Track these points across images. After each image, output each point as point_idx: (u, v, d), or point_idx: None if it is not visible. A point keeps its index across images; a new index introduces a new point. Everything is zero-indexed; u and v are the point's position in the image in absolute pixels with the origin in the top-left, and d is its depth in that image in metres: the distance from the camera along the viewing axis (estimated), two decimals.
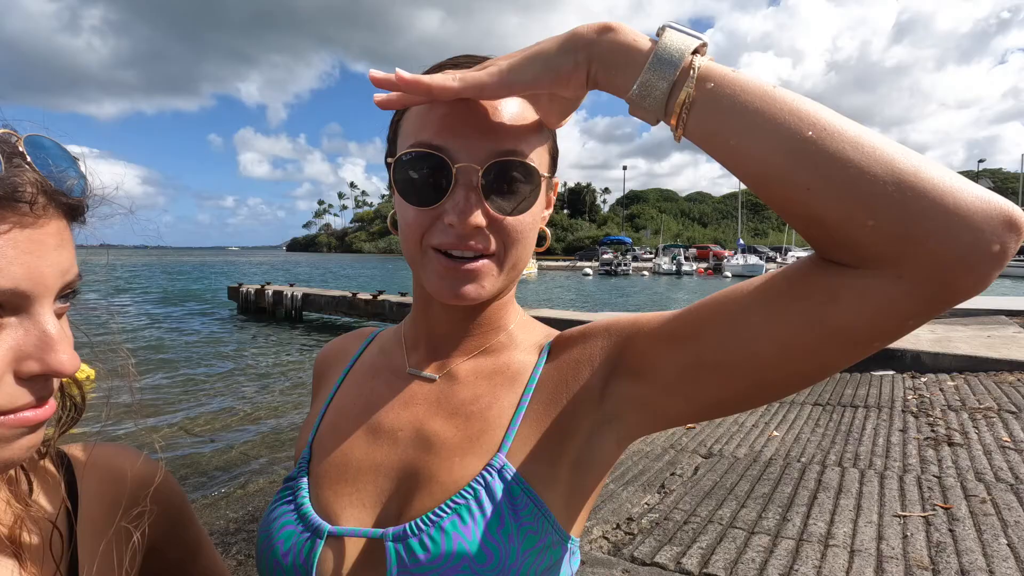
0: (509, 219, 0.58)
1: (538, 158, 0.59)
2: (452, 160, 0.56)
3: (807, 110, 0.44)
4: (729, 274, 48.43)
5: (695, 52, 0.48)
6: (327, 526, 0.60)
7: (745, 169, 0.47)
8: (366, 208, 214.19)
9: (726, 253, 65.74)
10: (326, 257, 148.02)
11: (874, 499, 3.55)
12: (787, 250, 65.99)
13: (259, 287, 19.36)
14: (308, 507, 0.62)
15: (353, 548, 0.59)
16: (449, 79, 0.52)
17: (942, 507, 3.43)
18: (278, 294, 18.37)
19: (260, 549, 0.63)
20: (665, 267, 55.01)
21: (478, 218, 0.56)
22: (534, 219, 0.61)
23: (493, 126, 0.57)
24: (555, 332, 0.71)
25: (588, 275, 48.72)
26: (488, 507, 0.57)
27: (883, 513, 3.36)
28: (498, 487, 0.57)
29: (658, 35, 0.50)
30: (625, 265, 53.44)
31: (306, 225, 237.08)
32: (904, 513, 3.35)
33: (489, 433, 0.61)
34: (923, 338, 8.08)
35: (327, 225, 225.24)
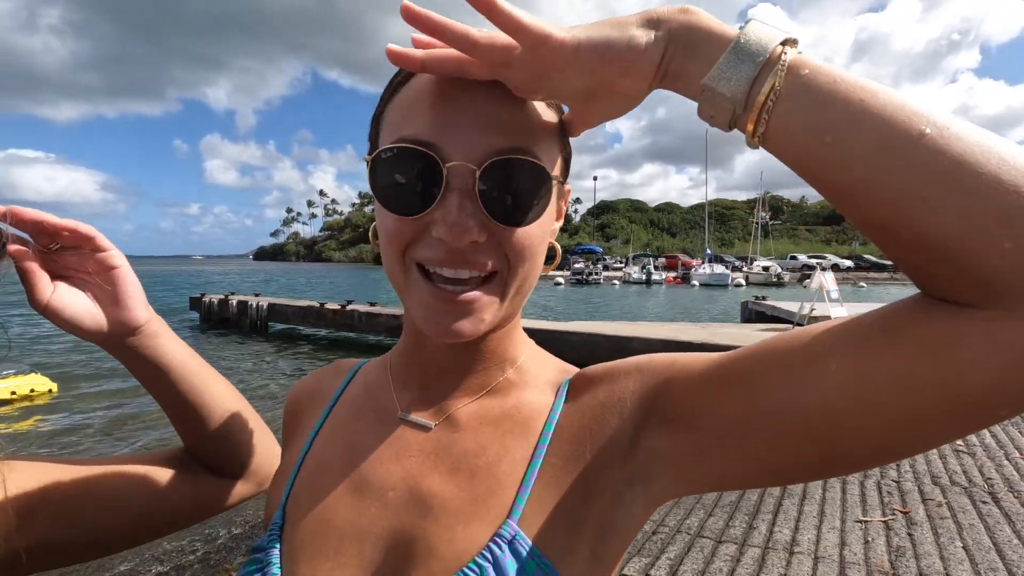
0: (515, 231, 0.48)
1: (550, 159, 0.50)
2: (443, 159, 0.46)
3: (919, 105, 0.37)
4: (697, 283, 49.37)
5: (784, 44, 0.41)
6: None
7: (840, 174, 0.39)
8: (336, 216, 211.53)
9: (694, 262, 67.02)
10: (294, 266, 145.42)
11: (836, 505, 3.62)
12: (752, 259, 67.74)
13: (223, 297, 18.82)
14: None
15: None
16: (516, 9, 0.43)
17: (901, 511, 3.51)
18: (243, 304, 17.88)
19: None
20: (635, 276, 55.75)
21: (474, 231, 0.46)
22: (544, 232, 0.51)
23: (497, 118, 0.47)
24: (572, 368, 0.61)
25: (560, 284, 48.98)
26: None
27: (845, 519, 3.42)
28: (509, 563, 0.47)
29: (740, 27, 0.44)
30: (596, 274, 53.99)
31: (274, 233, 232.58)
32: (865, 519, 3.42)
33: (498, 494, 0.51)
34: None
35: (295, 234, 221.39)
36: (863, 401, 0.40)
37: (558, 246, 0.60)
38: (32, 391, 8.75)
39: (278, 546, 0.55)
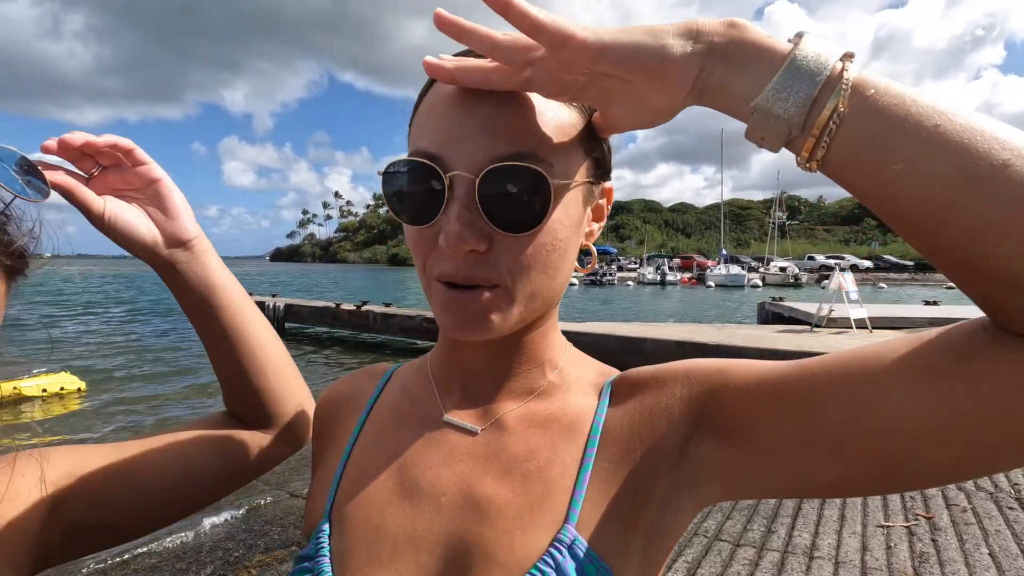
0: (517, 238, 0.48)
1: (563, 161, 0.49)
2: (445, 169, 0.47)
3: (1000, 129, 0.34)
4: (712, 284, 48.91)
5: (842, 59, 0.39)
6: None
7: (908, 205, 0.36)
8: (351, 218, 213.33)
9: (709, 263, 66.41)
10: (310, 267, 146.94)
11: (857, 509, 3.56)
12: (769, 260, 66.92)
13: None
14: None
15: None
16: (535, 8, 0.41)
17: (924, 517, 3.45)
18: (259, 304, 18.12)
19: None
20: (649, 277, 55.41)
21: (473, 240, 0.46)
22: (555, 237, 0.49)
23: (500, 125, 0.47)
24: (611, 370, 0.61)
25: (574, 284, 48.83)
26: None
27: (867, 524, 3.37)
28: (571, 568, 0.47)
29: (790, 41, 0.40)
30: (610, 275, 53.76)
31: (290, 235, 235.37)
32: (887, 523, 3.36)
33: (552, 498, 0.51)
34: None
35: (311, 235, 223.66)
36: (929, 433, 0.39)
37: (593, 248, 0.59)
38: (62, 389, 8.93)
39: (328, 554, 0.54)
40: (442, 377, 0.61)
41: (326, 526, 0.56)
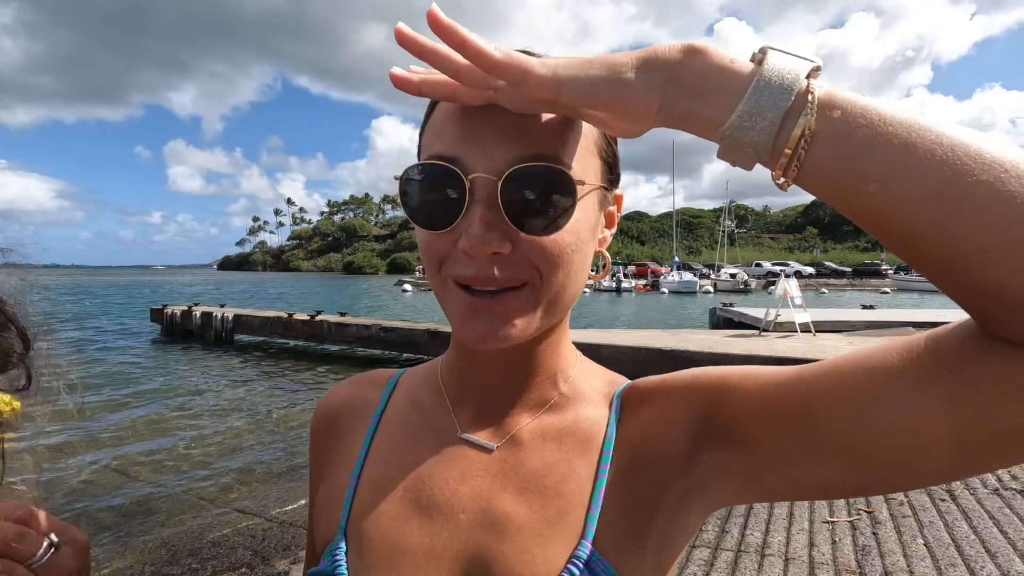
0: (541, 239, 0.47)
1: (580, 164, 0.49)
2: (465, 171, 0.46)
3: (975, 146, 0.34)
4: (666, 290, 50.16)
5: (809, 76, 0.38)
6: None
7: (889, 224, 0.36)
8: (304, 225, 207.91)
9: (663, 270, 68.07)
10: (262, 276, 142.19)
11: (805, 507, 3.70)
12: (720, 267, 69.23)
13: (185, 308, 18.25)
14: None
15: None
16: (491, 46, 0.40)
17: (865, 511, 3.62)
18: (207, 316, 17.38)
19: None
20: (605, 284, 56.30)
21: (496, 242, 0.45)
22: (578, 239, 0.49)
23: (518, 127, 0.46)
24: (620, 378, 0.61)
25: None
26: None
27: (813, 520, 3.50)
28: None
29: (753, 59, 0.40)
30: None
31: (239, 243, 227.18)
32: (832, 519, 3.51)
33: (569, 514, 0.52)
34: (844, 351, 8.60)
35: (262, 243, 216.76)
36: (921, 435, 0.40)
37: (607, 254, 0.58)
38: None
39: (346, 571, 0.53)
40: (454, 390, 0.60)
41: (342, 543, 0.55)
